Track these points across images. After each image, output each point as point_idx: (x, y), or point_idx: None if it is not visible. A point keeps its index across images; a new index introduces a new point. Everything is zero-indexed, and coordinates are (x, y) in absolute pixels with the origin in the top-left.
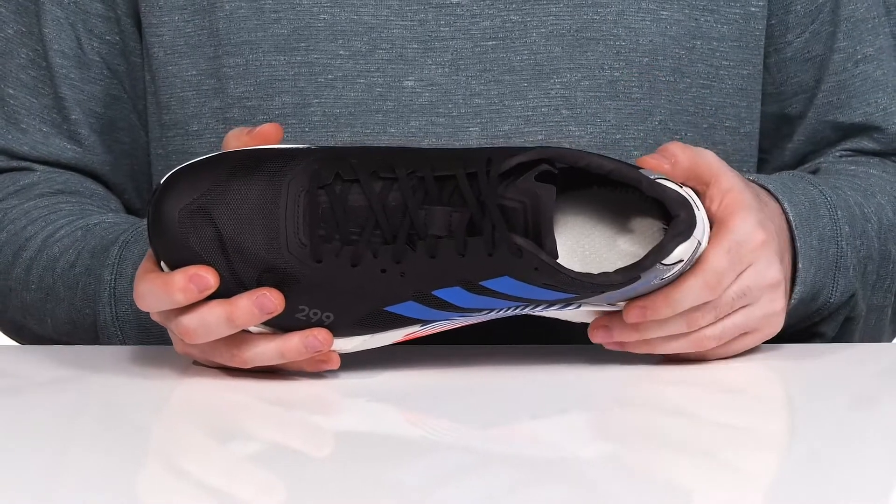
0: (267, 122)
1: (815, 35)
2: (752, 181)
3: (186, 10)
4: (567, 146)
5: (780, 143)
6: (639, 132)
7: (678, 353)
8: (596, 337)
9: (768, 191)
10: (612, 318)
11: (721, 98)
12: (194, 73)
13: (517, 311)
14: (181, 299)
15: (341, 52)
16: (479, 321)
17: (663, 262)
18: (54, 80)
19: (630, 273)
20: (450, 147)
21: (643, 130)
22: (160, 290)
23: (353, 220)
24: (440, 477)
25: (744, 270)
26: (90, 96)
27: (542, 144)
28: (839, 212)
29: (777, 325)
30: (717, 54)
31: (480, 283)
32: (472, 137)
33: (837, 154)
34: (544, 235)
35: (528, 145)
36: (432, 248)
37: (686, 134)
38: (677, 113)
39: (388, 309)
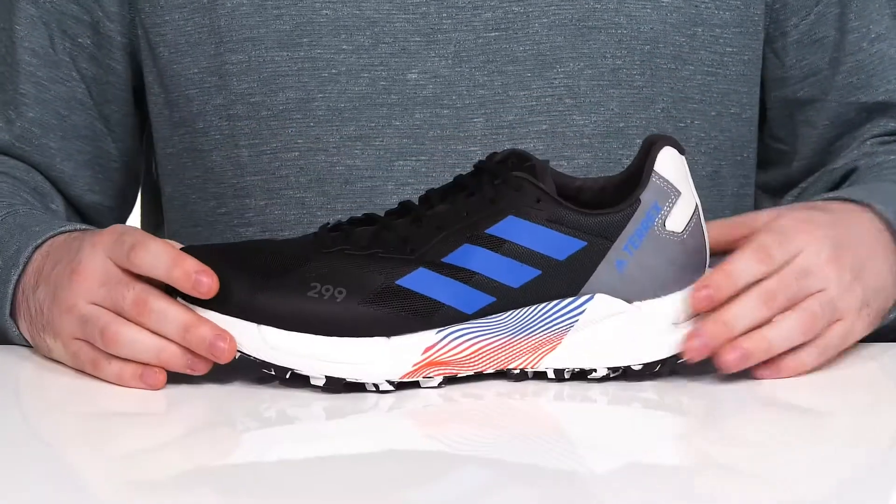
0: (271, 117)
1: (820, 17)
2: (821, 202)
3: (185, 8)
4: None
5: (798, 130)
6: (642, 120)
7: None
8: (692, 348)
9: (847, 200)
10: (696, 325)
11: (726, 85)
12: (196, 70)
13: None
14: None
15: (344, 46)
16: (494, 328)
17: (657, 171)
18: (18, 78)
19: (630, 201)
20: None
21: (646, 118)
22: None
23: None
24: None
25: (796, 255)
26: (55, 96)
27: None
28: None
29: (854, 311)
30: (721, 41)
31: (486, 231)
32: (477, 128)
33: (868, 144)
34: (540, 177)
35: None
36: (437, 219)
37: (693, 122)
38: (681, 101)
39: (400, 283)
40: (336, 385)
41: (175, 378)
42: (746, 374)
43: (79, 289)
